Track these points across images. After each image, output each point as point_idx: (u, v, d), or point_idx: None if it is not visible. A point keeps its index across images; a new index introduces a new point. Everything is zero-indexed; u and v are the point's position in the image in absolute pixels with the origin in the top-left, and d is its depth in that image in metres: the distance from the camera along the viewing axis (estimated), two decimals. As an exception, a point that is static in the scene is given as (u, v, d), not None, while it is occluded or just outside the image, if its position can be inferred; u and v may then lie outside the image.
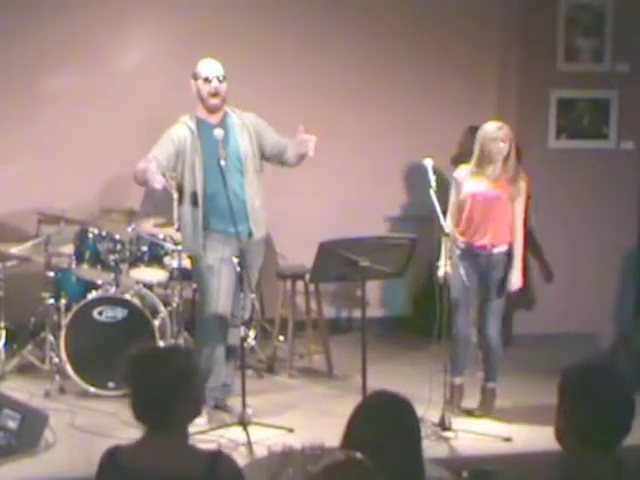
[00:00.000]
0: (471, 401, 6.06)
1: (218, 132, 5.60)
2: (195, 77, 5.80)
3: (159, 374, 2.99)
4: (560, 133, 7.74)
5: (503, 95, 7.85)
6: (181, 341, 6.60)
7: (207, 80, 5.75)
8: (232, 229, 5.54)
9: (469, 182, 5.82)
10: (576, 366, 2.95)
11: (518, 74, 7.75)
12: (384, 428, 2.90)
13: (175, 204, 6.07)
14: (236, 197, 5.71)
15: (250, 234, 5.81)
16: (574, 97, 7.71)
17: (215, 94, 5.76)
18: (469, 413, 5.98)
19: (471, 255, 5.84)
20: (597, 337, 7.56)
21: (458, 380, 5.96)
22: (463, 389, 6.01)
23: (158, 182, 5.53)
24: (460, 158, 6.89)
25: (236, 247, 5.57)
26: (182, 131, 5.76)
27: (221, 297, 5.73)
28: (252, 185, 5.82)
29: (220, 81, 5.77)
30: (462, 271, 5.67)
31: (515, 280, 5.88)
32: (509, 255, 5.87)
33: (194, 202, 5.75)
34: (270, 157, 5.93)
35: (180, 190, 5.84)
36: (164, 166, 5.66)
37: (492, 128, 5.79)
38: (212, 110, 5.79)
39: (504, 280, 5.86)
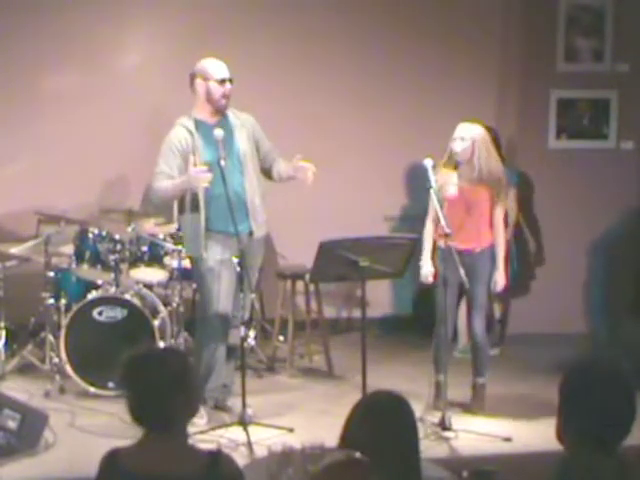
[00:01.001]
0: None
1: (218, 132, 5.59)
2: (205, 78, 5.74)
3: (155, 376, 2.99)
4: (560, 133, 7.74)
5: (503, 95, 7.85)
6: (181, 341, 6.61)
7: (222, 82, 5.74)
8: (232, 229, 5.54)
9: (446, 185, 5.82)
10: (577, 366, 2.95)
11: (518, 74, 7.75)
12: (381, 427, 2.91)
13: (175, 205, 6.06)
14: (237, 196, 5.70)
15: (250, 233, 5.80)
16: (574, 97, 7.70)
17: (226, 95, 5.76)
18: (464, 409, 5.97)
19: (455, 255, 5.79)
20: (596, 337, 7.56)
21: (442, 377, 5.88)
22: (447, 385, 5.91)
23: (205, 180, 5.53)
24: None
25: (236, 247, 5.56)
26: (181, 134, 5.74)
27: (221, 298, 5.72)
28: (252, 184, 5.81)
29: (230, 83, 5.77)
30: (462, 272, 5.62)
31: (500, 280, 5.92)
32: (491, 254, 5.89)
33: (195, 203, 5.74)
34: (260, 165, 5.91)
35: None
36: (177, 176, 5.66)
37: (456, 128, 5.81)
38: (220, 110, 5.78)
39: (488, 277, 5.89)
